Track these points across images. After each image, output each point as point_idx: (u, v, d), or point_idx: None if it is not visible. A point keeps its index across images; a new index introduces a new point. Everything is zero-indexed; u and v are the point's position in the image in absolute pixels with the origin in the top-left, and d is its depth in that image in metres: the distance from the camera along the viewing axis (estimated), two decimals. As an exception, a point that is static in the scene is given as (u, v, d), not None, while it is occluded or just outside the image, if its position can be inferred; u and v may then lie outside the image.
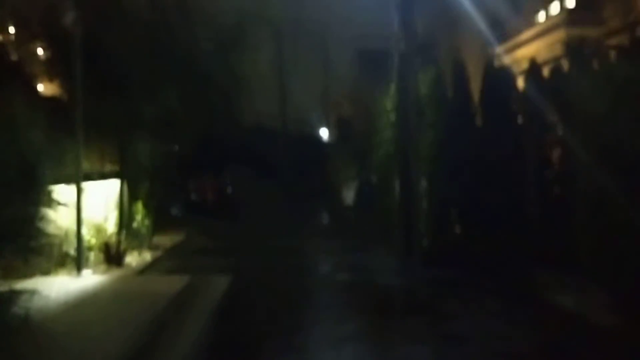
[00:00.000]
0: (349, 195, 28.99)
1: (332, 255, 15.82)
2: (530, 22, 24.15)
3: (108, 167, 14.96)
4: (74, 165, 11.92)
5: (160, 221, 17.82)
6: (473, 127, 12.87)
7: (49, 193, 8.52)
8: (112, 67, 13.07)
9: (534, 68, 12.46)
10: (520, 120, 12.66)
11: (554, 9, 23.06)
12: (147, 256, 15.39)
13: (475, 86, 13.39)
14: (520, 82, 13.21)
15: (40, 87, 14.55)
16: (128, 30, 13.77)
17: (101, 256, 13.61)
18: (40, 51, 13.08)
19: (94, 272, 12.49)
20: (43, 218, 7.94)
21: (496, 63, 16.40)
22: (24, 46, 13.71)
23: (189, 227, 21.62)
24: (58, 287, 10.45)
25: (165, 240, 18.21)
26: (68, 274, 11.93)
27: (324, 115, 44.01)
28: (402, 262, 12.04)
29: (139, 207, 16.42)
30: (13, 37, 13.67)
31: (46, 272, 11.78)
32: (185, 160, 26.64)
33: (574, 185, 10.02)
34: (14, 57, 14.12)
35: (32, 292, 7.70)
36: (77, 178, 11.97)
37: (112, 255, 13.52)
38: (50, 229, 11.52)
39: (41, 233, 7.79)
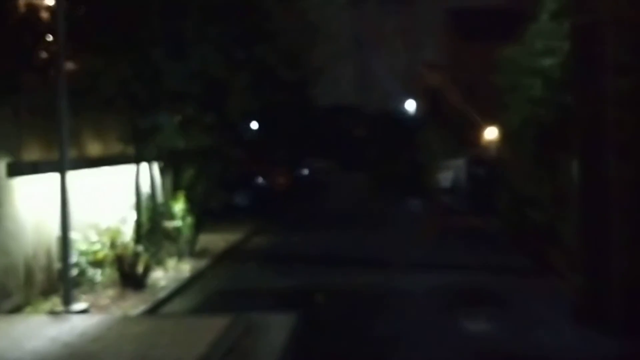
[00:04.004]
0: (445, 177, 24.45)
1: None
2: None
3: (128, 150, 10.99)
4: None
5: (215, 214, 13.79)
6: None
7: None
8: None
9: None
10: None
11: None
12: (186, 268, 11.42)
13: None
14: None
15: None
16: None
17: (116, 274, 9.70)
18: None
19: (95, 304, 8.56)
20: None
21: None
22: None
23: (252, 220, 17.78)
24: None
25: (218, 241, 14.24)
26: (51, 309, 8.01)
27: (409, 86, 39.01)
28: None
29: (179, 200, 12.44)
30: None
31: (16, 308, 7.93)
32: (250, 140, 22.73)
33: None
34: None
35: None
36: (60, 164, 7.98)
37: (127, 274, 9.55)
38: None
39: None
